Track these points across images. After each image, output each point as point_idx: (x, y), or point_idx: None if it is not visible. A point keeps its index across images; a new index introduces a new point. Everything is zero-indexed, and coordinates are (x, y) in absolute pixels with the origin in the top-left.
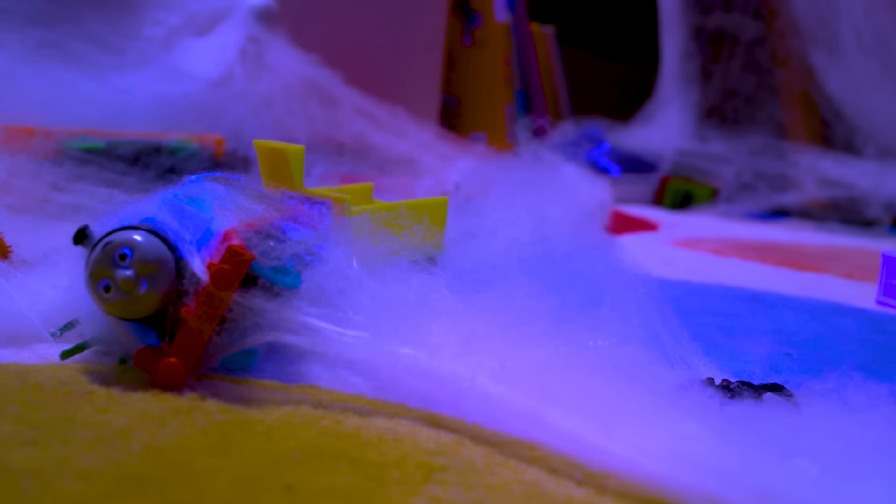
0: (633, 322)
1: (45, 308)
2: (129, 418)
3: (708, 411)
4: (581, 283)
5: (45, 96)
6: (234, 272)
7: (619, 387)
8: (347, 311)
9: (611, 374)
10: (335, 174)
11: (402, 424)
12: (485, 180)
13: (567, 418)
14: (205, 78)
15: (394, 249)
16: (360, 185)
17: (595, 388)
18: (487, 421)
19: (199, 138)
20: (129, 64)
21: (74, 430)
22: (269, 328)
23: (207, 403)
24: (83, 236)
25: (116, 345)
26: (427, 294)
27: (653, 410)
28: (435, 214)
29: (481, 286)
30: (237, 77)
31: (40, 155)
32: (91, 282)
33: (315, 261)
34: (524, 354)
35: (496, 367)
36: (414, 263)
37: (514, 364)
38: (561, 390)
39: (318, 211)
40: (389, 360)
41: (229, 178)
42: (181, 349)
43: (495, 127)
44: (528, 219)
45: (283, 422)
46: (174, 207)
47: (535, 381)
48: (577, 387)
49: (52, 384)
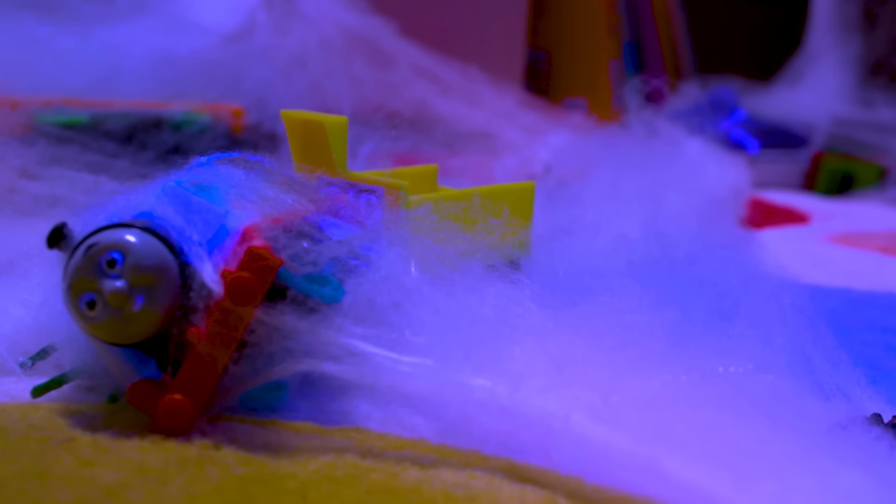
0: (775, 343)
1: (10, 331)
2: (122, 473)
3: (873, 457)
4: (708, 293)
5: (12, 56)
6: (256, 282)
7: (758, 427)
8: (404, 331)
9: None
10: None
11: (476, 478)
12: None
13: (690, 468)
14: (218, 30)
15: (464, 250)
16: (422, 168)
17: (726, 428)
18: (587, 472)
19: (211, 108)
20: (121, 13)
21: (50, 488)
22: (303, 354)
23: (223, 453)
24: (60, 237)
25: (104, 378)
26: (508, 308)
27: (801, 457)
28: (518, 204)
29: (578, 297)
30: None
31: (5, 132)
32: (71, 296)
33: (362, 266)
34: (634, 386)
35: (597, 402)
36: (490, 268)
37: (620, 398)
38: (682, 432)
39: (366, 201)
40: (459, 395)
41: (250, 160)
42: (188, 383)
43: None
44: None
45: (322, 476)
46: (179, 199)
47: (648, 421)
48: (703, 427)
49: (22, 429)
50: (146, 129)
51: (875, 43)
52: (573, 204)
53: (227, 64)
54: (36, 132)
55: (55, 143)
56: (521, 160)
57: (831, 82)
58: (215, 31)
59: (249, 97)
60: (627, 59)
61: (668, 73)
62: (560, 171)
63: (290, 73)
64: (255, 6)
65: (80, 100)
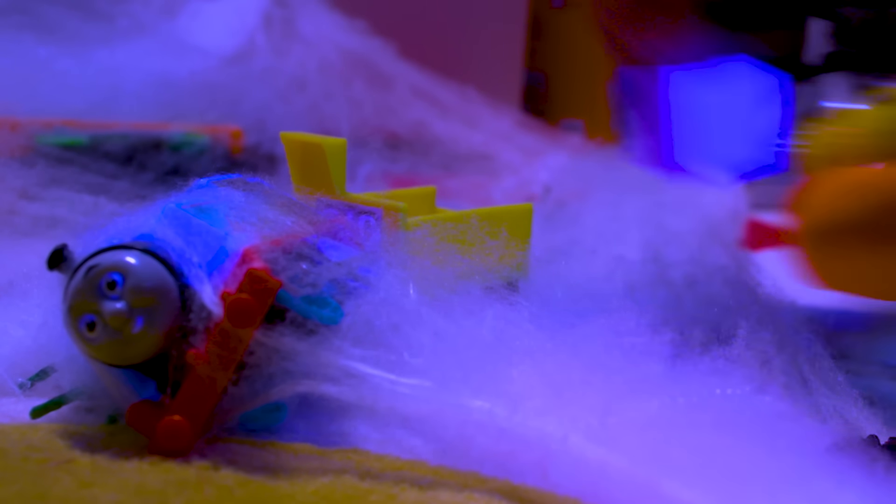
0: (772, 364)
1: (10, 352)
2: (121, 494)
3: (870, 479)
4: (706, 315)
5: (12, 77)
6: (255, 304)
7: (755, 449)
8: (403, 353)
9: (744, 433)
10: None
11: (474, 499)
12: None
13: (687, 490)
14: (218, 52)
15: (462, 272)
16: (420, 190)
17: (723, 450)
18: (584, 494)
19: (210, 130)
20: (120, 35)
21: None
22: (302, 376)
23: (222, 474)
24: (60, 258)
25: (103, 399)
26: (505, 330)
27: (798, 479)
28: (517, 226)
29: (576, 319)
30: (260, 51)
31: (5, 153)
32: (71, 317)
33: (360, 288)
34: (631, 407)
35: (595, 424)
36: (489, 290)
37: (618, 420)
38: (679, 453)
39: (365, 223)
40: (457, 417)
41: (249, 182)
42: (188, 404)
43: (595, 112)
44: (637, 232)
45: (321, 497)
46: (178, 221)
47: (645, 442)
48: (701, 449)
49: (21, 450)
50: (145, 151)
51: None
52: (571, 225)
53: (226, 86)
54: (36, 153)
55: (55, 164)
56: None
57: None
58: (214, 54)
59: (248, 119)
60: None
61: None
62: (559, 193)
63: (289, 95)
64: (255, 28)
65: (80, 121)
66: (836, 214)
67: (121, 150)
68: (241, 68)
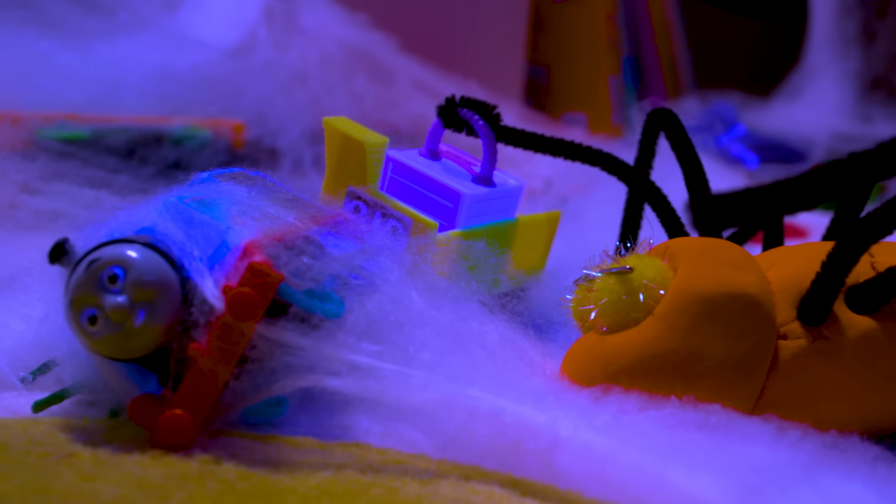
0: None
1: (12, 346)
2: (122, 488)
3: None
4: None
5: (13, 71)
6: (257, 297)
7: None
8: (406, 347)
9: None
10: None
11: (475, 493)
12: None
13: (692, 482)
14: (219, 46)
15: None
16: None
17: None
18: (588, 487)
19: (211, 124)
20: (121, 29)
21: (51, 503)
22: (304, 370)
23: (223, 468)
24: (62, 252)
25: (105, 393)
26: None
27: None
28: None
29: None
30: (261, 44)
31: (7, 147)
32: (72, 311)
33: (364, 283)
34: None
35: (598, 417)
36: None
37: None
38: (686, 444)
39: (392, 228)
40: (459, 410)
41: (251, 176)
42: (189, 398)
43: (596, 105)
44: None
45: (322, 491)
46: (180, 214)
47: (649, 434)
48: (706, 439)
49: (23, 444)
50: (147, 145)
51: (874, 58)
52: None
53: (227, 79)
54: (37, 147)
55: (56, 158)
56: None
57: (830, 98)
58: (216, 47)
59: (250, 113)
60: (627, 74)
61: (668, 89)
62: (560, 187)
63: (290, 89)
64: (256, 22)
65: (82, 115)
66: None
67: (122, 144)
68: (243, 62)
